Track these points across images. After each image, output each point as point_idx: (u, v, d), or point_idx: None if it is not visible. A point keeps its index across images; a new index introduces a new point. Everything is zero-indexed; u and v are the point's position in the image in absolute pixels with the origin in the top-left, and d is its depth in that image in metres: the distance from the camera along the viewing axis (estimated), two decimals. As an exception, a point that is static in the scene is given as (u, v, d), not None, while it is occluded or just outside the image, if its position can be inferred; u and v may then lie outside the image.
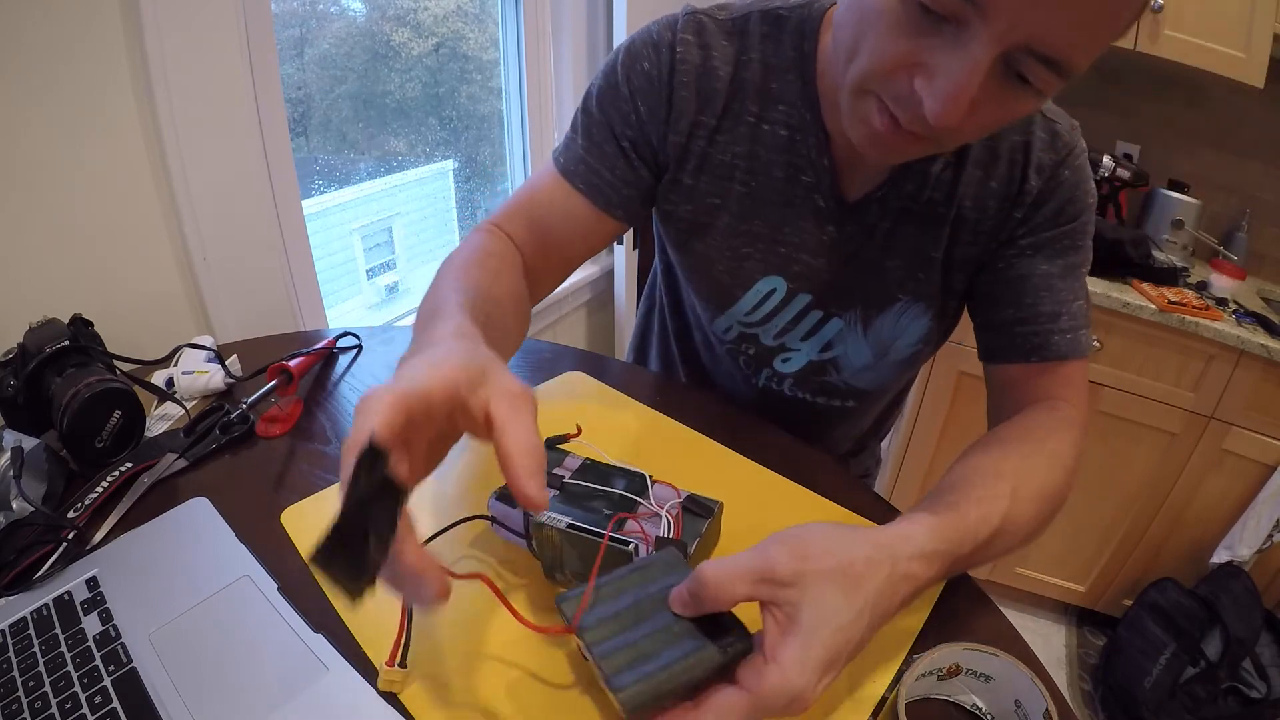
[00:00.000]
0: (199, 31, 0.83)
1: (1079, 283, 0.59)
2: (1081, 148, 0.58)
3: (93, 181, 0.79)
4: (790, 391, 0.73)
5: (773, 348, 0.69)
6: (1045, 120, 0.57)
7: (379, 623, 0.45)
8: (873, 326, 0.65)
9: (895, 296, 0.63)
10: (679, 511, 0.47)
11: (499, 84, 1.56)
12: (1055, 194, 0.57)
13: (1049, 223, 0.58)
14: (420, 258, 1.60)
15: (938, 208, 0.59)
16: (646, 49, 0.59)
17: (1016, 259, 0.59)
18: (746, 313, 0.67)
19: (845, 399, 0.73)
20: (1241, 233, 1.63)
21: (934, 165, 0.57)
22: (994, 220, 0.58)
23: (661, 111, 0.59)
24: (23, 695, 0.39)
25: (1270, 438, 1.35)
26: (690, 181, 0.62)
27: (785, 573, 0.34)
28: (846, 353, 0.67)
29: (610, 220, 0.63)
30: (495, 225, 0.63)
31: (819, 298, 0.65)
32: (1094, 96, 1.67)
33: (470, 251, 0.57)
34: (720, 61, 0.58)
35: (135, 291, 0.86)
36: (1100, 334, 1.39)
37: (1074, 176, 0.57)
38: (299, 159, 1.07)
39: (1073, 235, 0.58)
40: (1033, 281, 0.58)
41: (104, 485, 0.55)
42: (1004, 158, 0.57)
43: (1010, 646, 0.44)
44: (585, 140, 0.62)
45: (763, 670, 0.33)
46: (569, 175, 0.62)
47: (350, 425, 0.66)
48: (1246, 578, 1.42)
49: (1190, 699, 1.36)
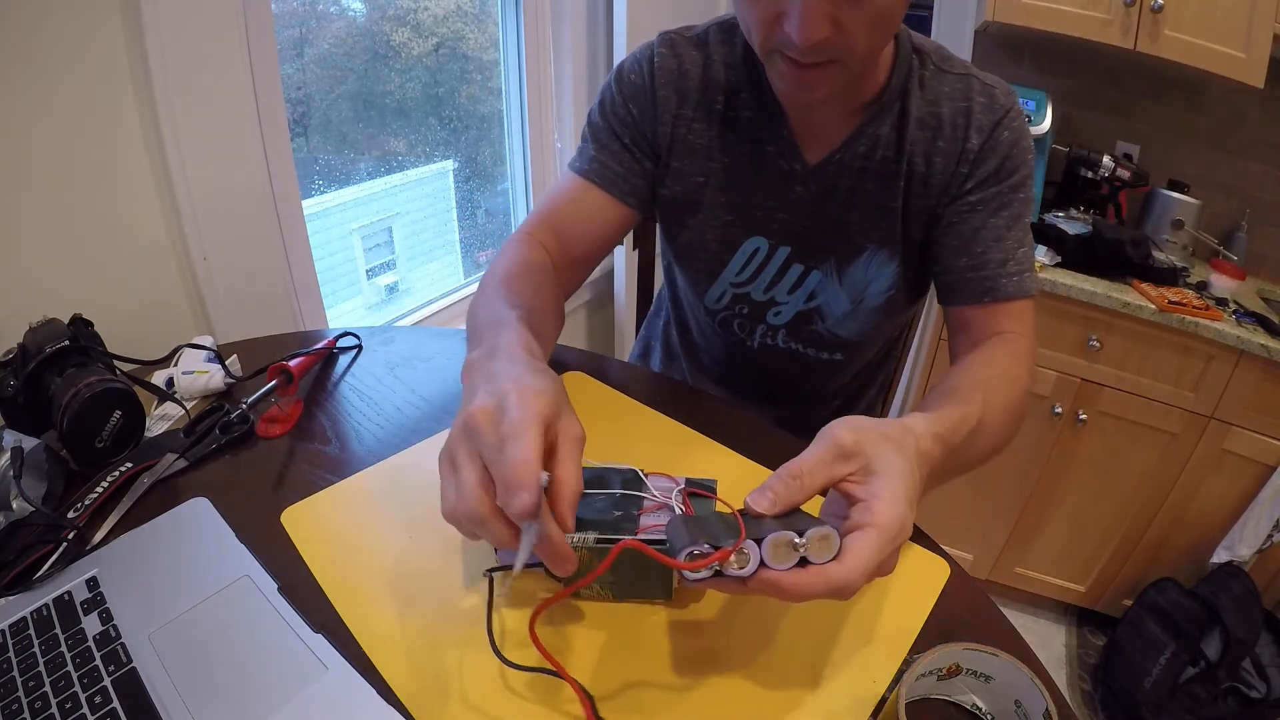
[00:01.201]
0: (199, 31, 0.83)
1: (1023, 232, 0.68)
2: (1017, 110, 0.67)
3: (93, 181, 0.79)
4: (784, 344, 0.81)
5: (763, 302, 0.78)
6: (983, 86, 0.66)
7: (379, 622, 0.45)
8: (846, 274, 0.74)
9: (862, 246, 0.72)
10: (684, 497, 0.48)
11: (499, 84, 1.56)
12: (995, 151, 0.66)
13: (992, 178, 0.66)
14: (420, 258, 1.60)
15: (890, 164, 0.68)
16: (633, 66, 0.72)
17: (968, 214, 0.67)
18: (736, 273, 0.76)
19: (832, 350, 0.81)
20: (1241, 233, 1.62)
21: (882, 128, 0.67)
22: (941, 175, 0.67)
23: (650, 110, 0.71)
24: (23, 695, 0.39)
25: (1270, 438, 1.35)
26: (678, 165, 0.73)
27: (850, 443, 0.39)
28: (828, 301, 0.76)
29: (625, 209, 0.73)
30: (528, 234, 0.71)
31: (797, 249, 0.74)
32: (1094, 96, 1.67)
33: (513, 264, 0.64)
34: (690, 65, 0.70)
35: (135, 291, 0.86)
36: (1100, 334, 1.39)
37: (1011, 135, 0.66)
38: (299, 159, 1.07)
39: (1014, 189, 0.67)
40: (982, 234, 0.67)
41: (104, 485, 0.55)
42: (947, 122, 0.66)
43: (1010, 646, 0.44)
44: (595, 145, 0.73)
45: (872, 507, 0.37)
46: (586, 174, 0.72)
47: (351, 425, 0.67)
48: (1246, 578, 1.42)
49: (1190, 699, 1.36)
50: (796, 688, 0.43)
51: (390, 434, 0.65)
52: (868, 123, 0.66)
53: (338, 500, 0.56)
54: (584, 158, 0.73)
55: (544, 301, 0.62)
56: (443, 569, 0.50)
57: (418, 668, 0.42)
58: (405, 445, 0.63)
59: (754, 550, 0.35)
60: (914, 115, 0.66)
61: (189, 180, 0.86)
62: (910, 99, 0.66)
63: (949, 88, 0.66)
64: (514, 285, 0.60)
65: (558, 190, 0.74)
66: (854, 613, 0.49)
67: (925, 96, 0.66)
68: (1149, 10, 1.32)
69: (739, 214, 0.73)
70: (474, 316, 0.58)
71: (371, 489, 0.57)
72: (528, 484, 0.33)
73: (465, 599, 0.47)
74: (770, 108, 0.68)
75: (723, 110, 0.70)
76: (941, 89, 0.66)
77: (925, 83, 0.66)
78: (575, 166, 0.73)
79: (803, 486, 0.38)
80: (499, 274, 0.62)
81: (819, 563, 0.35)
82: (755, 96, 0.69)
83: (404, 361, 0.78)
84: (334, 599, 0.46)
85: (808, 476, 0.38)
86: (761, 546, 0.35)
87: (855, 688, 0.43)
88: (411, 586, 0.48)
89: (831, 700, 0.42)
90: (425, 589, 0.48)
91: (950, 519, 1.68)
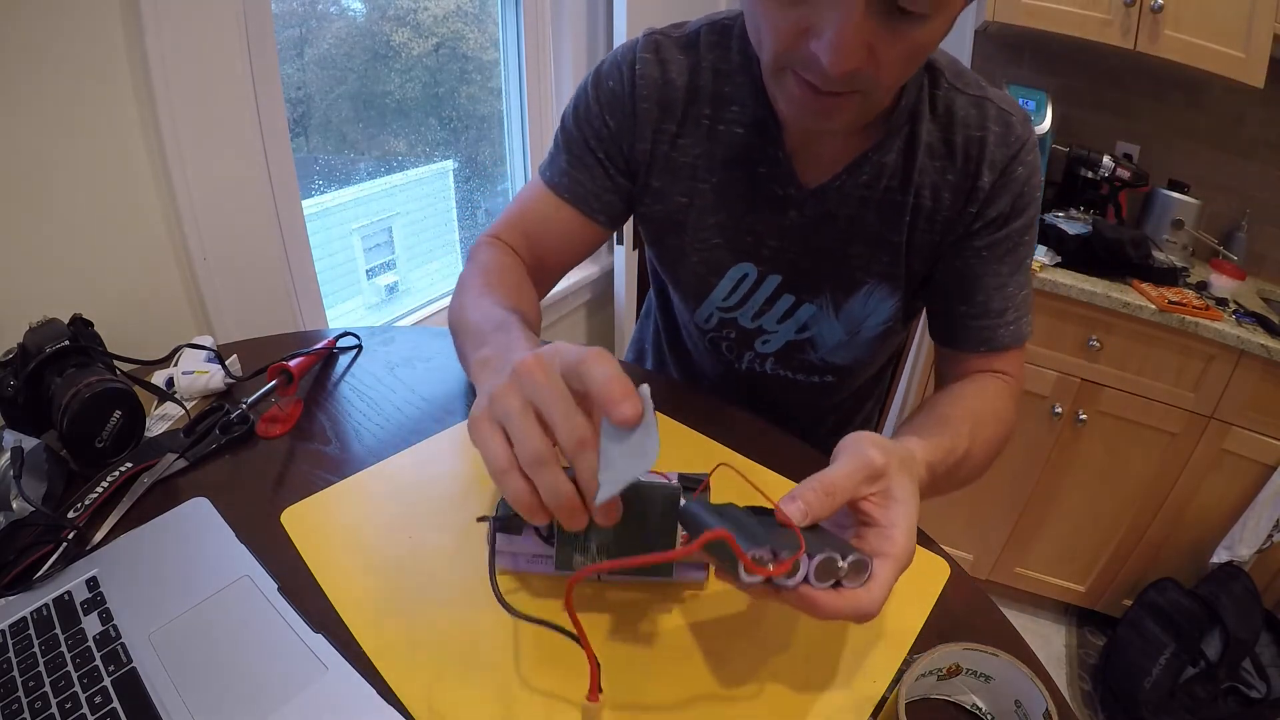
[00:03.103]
0: (199, 32, 0.83)
1: (1025, 275, 0.66)
2: (1033, 141, 0.62)
3: (93, 181, 0.79)
4: (773, 370, 0.78)
5: (751, 330, 0.74)
6: (999, 112, 0.61)
7: (380, 623, 0.45)
8: (844, 309, 0.70)
9: (861, 280, 0.67)
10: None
11: (499, 84, 1.56)
12: (1007, 190, 0.61)
13: (1001, 220, 0.62)
14: (420, 258, 1.60)
15: (895, 195, 0.63)
16: (612, 70, 0.66)
17: (972, 260, 0.64)
18: (723, 298, 0.72)
19: (824, 374, 0.78)
20: (1241, 233, 1.63)
21: (888, 155, 0.61)
22: (949, 211, 0.63)
23: (628, 124, 0.65)
24: (23, 695, 0.39)
25: (1270, 438, 1.35)
26: (659, 184, 0.68)
27: (879, 465, 0.40)
28: (821, 333, 0.72)
29: (595, 226, 0.70)
30: (496, 238, 0.69)
31: (788, 279, 0.69)
32: (1094, 96, 1.67)
33: (493, 266, 0.63)
34: (676, 73, 0.64)
35: (135, 291, 0.86)
36: (1100, 334, 1.39)
37: (1025, 172, 0.61)
38: (299, 159, 1.07)
39: (1022, 231, 0.64)
40: (984, 281, 0.64)
41: (104, 485, 0.55)
42: (959, 152, 0.61)
43: (1010, 646, 0.44)
44: (567, 155, 0.68)
45: (893, 537, 0.38)
46: (556, 188, 0.68)
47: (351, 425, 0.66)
48: (1246, 578, 1.42)
49: (1190, 699, 1.36)
50: (796, 688, 0.43)
51: (390, 434, 0.65)
52: (873, 149, 0.61)
53: (338, 500, 0.56)
54: (555, 168, 0.69)
55: (524, 303, 0.61)
56: (443, 569, 0.50)
57: (418, 668, 0.42)
58: (405, 445, 0.63)
59: (805, 565, 0.35)
60: (924, 141, 0.61)
61: (189, 180, 0.86)
62: (920, 123, 0.60)
63: (963, 112, 0.60)
64: (500, 288, 0.58)
65: (528, 199, 0.70)
66: (854, 613, 0.49)
67: (937, 121, 0.61)
68: (1149, 10, 1.32)
69: (727, 237, 0.68)
70: (463, 317, 0.56)
71: (371, 489, 0.57)
72: (628, 392, 0.33)
73: (465, 599, 0.47)
74: (765, 124, 0.62)
75: (710, 124, 0.64)
76: (955, 112, 0.60)
77: (937, 104, 0.60)
78: (546, 176, 0.69)
79: (834, 503, 0.38)
80: (481, 275, 0.61)
81: (850, 587, 0.36)
82: (748, 111, 0.63)
83: (404, 361, 0.78)
84: (334, 599, 0.46)
85: (840, 494, 0.38)
86: (812, 563, 0.35)
87: (855, 688, 0.43)
88: (411, 586, 0.48)
89: (831, 700, 0.42)
90: (425, 589, 0.48)
91: (950, 519, 1.68)
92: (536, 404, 0.34)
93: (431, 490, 0.57)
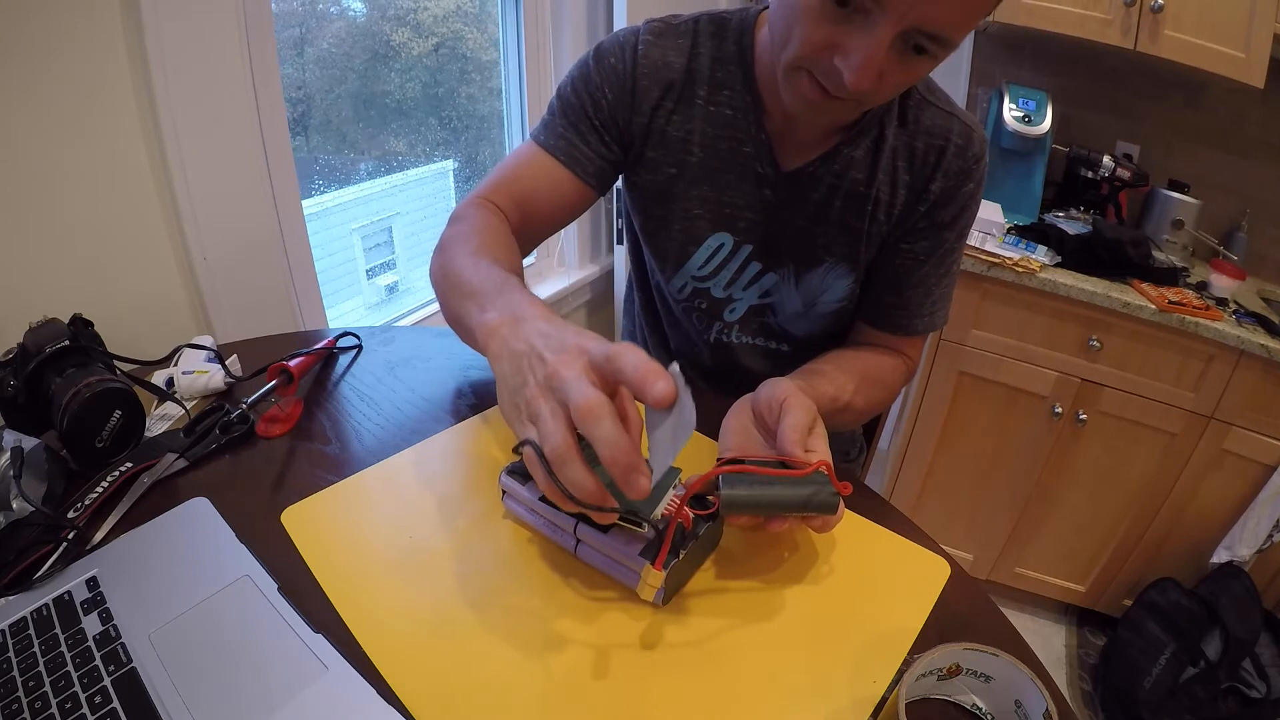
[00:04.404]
0: (199, 31, 0.83)
1: (951, 276, 0.76)
2: (985, 161, 0.70)
3: (93, 181, 0.79)
4: (738, 339, 0.84)
5: (721, 299, 0.80)
6: (963, 128, 0.68)
7: (380, 623, 0.45)
8: (803, 281, 0.77)
9: (822, 259, 0.75)
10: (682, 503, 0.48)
11: (499, 84, 1.56)
12: (954, 200, 0.70)
13: (943, 226, 0.71)
14: (420, 258, 1.60)
15: (859, 186, 0.70)
16: (614, 48, 0.70)
17: (909, 261, 0.73)
18: (699, 267, 0.78)
19: (780, 341, 0.85)
20: (1241, 233, 1.62)
21: (857, 151, 0.69)
22: (901, 208, 0.71)
23: (626, 98, 0.70)
24: (23, 695, 0.39)
25: (1270, 438, 1.35)
26: (652, 154, 0.73)
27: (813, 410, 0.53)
28: (781, 300, 0.79)
29: (587, 189, 0.74)
30: (484, 199, 0.71)
31: (759, 249, 0.76)
32: (1094, 96, 1.67)
33: (483, 226, 0.65)
34: (675, 56, 0.70)
35: (135, 291, 0.86)
36: (1100, 334, 1.39)
37: (973, 187, 0.70)
38: (299, 159, 1.07)
39: (959, 236, 0.73)
40: (914, 279, 0.74)
41: (104, 485, 0.55)
42: (919, 157, 0.69)
43: (1010, 646, 0.44)
44: (564, 121, 0.72)
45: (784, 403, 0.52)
46: (552, 150, 0.71)
47: (351, 425, 0.67)
48: (1246, 578, 1.42)
49: (1190, 699, 1.36)
50: (796, 688, 0.43)
51: (390, 434, 0.65)
52: (845, 143, 0.68)
53: (338, 500, 0.56)
54: (551, 132, 0.72)
55: (516, 262, 0.64)
56: (443, 568, 0.50)
57: (418, 667, 0.42)
58: (405, 445, 0.63)
59: None
60: (890, 143, 0.68)
61: (189, 180, 0.86)
62: (889, 126, 0.68)
63: (930, 122, 0.68)
64: (495, 249, 0.61)
65: (520, 161, 0.73)
66: (854, 613, 0.49)
67: (906, 128, 0.68)
68: (1149, 10, 1.32)
69: (709, 208, 0.74)
70: (456, 275, 0.56)
71: (371, 489, 0.58)
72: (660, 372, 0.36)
73: (466, 598, 0.47)
74: (754, 109, 0.69)
75: (703, 104, 0.70)
76: (923, 122, 0.68)
77: (908, 112, 0.68)
78: (540, 140, 0.72)
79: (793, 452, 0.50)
80: (476, 235, 0.62)
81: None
82: (739, 96, 0.69)
83: (404, 361, 0.78)
84: (334, 599, 0.46)
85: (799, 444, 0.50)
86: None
87: (855, 688, 0.43)
88: (411, 586, 0.48)
89: (831, 700, 0.43)
90: (425, 588, 0.48)
91: (950, 519, 1.68)
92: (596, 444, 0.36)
93: (431, 490, 0.57)
